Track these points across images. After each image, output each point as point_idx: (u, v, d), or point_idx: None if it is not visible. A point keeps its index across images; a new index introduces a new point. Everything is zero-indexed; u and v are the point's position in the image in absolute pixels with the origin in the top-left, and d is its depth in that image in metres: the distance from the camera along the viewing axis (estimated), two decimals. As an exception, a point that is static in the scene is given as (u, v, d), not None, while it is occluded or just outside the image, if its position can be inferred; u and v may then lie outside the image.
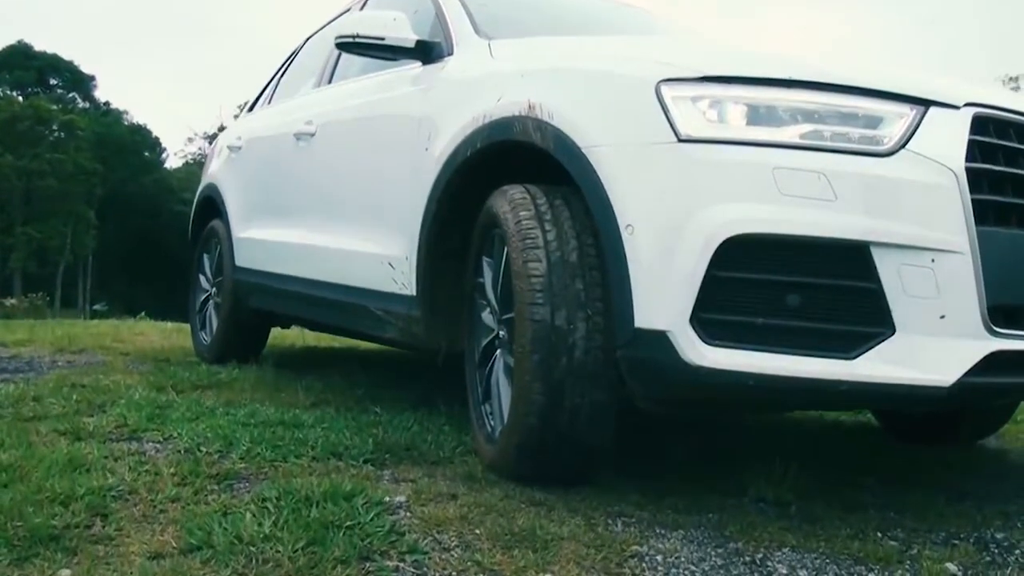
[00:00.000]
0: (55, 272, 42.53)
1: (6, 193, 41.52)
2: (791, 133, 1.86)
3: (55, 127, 44.64)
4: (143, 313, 21.64)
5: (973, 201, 1.82)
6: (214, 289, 4.62)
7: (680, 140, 1.89)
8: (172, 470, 2.16)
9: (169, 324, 8.46)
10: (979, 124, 1.90)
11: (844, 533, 1.95)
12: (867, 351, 1.79)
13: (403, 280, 2.77)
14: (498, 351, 2.38)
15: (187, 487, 2.03)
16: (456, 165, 2.49)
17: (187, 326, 5.64)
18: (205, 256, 4.76)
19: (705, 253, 1.82)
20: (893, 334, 1.79)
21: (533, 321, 2.03)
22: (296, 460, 2.31)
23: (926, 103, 1.89)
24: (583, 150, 2.05)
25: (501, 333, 2.35)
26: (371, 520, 1.81)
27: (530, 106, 2.23)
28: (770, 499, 2.20)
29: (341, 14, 4.00)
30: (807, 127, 1.86)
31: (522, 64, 2.45)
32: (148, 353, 4.85)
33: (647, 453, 2.49)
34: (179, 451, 2.38)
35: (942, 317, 1.79)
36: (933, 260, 1.79)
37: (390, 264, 2.83)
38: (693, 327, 1.83)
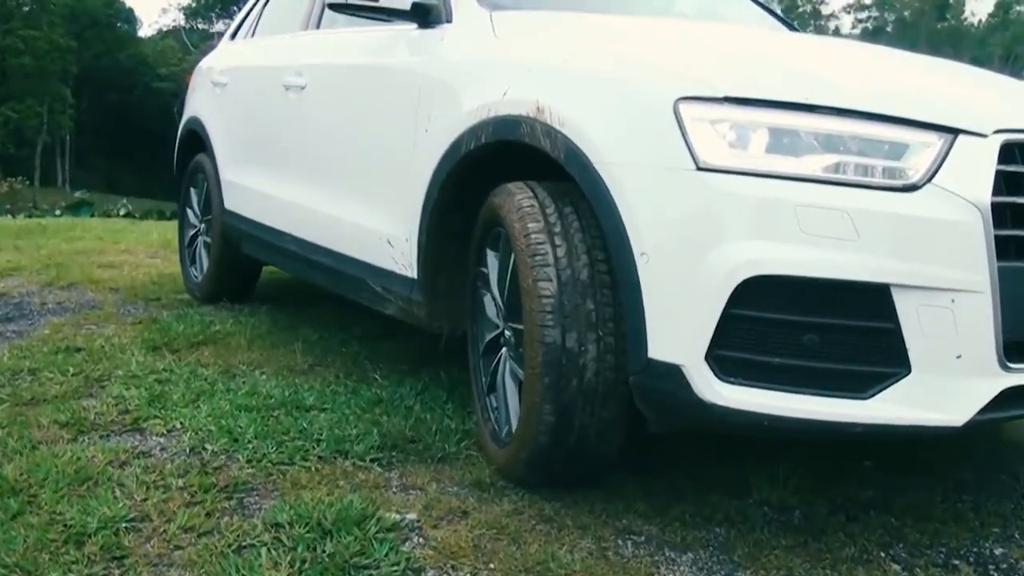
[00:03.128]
0: (33, 153, 41.76)
1: (-20, 72, 40.46)
2: (815, 165, 1.79)
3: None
4: (124, 202, 21.56)
5: (996, 237, 1.78)
6: (203, 226, 4.54)
7: (699, 168, 1.82)
8: (180, 482, 2.16)
9: (153, 232, 8.33)
10: (1007, 152, 1.84)
11: (848, 553, 1.99)
12: (882, 391, 1.77)
13: (403, 261, 2.71)
14: (504, 350, 2.35)
15: (198, 507, 2.03)
16: (459, 156, 2.40)
17: (171, 227, 5.49)
18: (192, 190, 4.65)
19: (723, 291, 1.78)
20: (908, 374, 1.77)
21: (543, 343, 2.00)
22: (303, 463, 2.31)
23: (955, 131, 1.82)
24: (596, 166, 1.98)
25: (507, 333, 2.32)
26: (386, 555, 1.82)
27: (539, 108, 2.14)
28: (774, 502, 2.24)
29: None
30: (832, 158, 1.79)
31: (529, 54, 2.33)
32: (138, 288, 4.78)
33: (650, 446, 2.50)
34: (184, 451, 2.37)
35: (958, 357, 1.78)
36: (953, 300, 1.76)
37: (389, 242, 2.77)
38: (708, 364, 1.81)
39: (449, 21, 2.72)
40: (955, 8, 72.30)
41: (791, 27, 3.58)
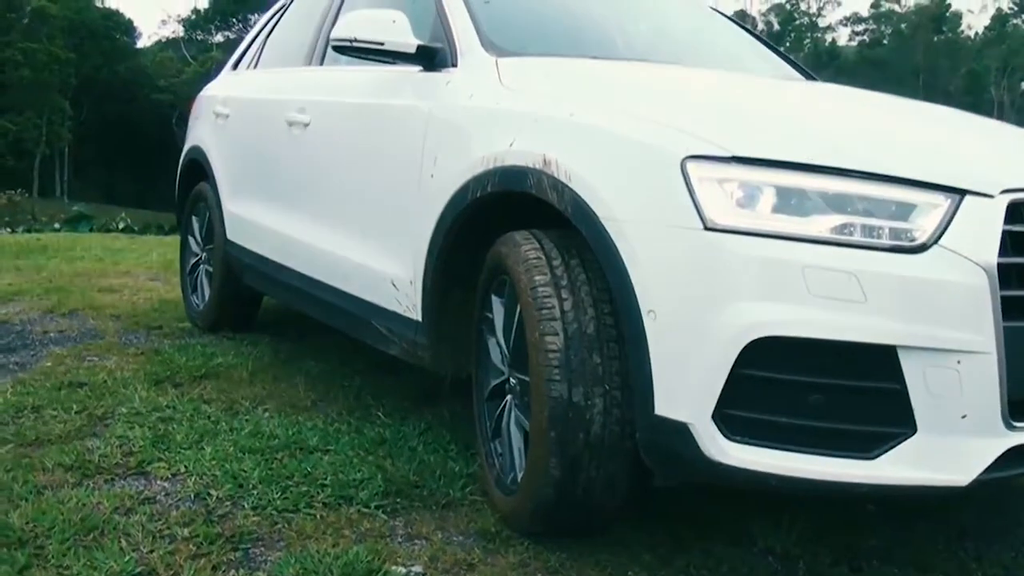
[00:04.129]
0: (31, 165, 41.80)
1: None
2: (822, 226, 1.80)
3: (27, 12, 43.09)
4: (123, 215, 21.57)
5: (1002, 298, 1.79)
6: (204, 255, 4.55)
7: (707, 227, 1.83)
8: (186, 531, 2.16)
9: (153, 252, 8.30)
10: (1013, 212, 1.85)
11: (853, 609, 2.00)
12: (887, 451, 1.78)
13: (408, 303, 2.72)
14: (509, 397, 2.36)
15: (204, 560, 2.03)
16: (465, 203, 2.41)
17: (171, 245, 5.40)
18: (194, 218, 4.66)
19: (731, 351, 1.78)
20: (914, 434, 1.78)
21: (550, 398, 2.01)
22: (308, 510, 2.31)
23: (962, 192, 1.83)
24: (603, 222, 1.99)
25: (512, 381, 2.33)
26: (392, 613, 1.83)
27: (546, 161, 2.15)
28: (778, 551, 2.24)
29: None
30: (839, 219, 1.80)
31: (536, 104, 2.34)
32: (140, 316, 4.78)
33: (654, 493, 2.51)
34: (189, 497, 2.37)
35: (963, 417, 1.78)
36: (959, 362, 1.76)
37: (393, 284, 2.77)
38: (715, 422, 1.82)
39: (455, 65, 2.73)
40: (952, 21, 72.62)
41: (807, 75, 3.58)
